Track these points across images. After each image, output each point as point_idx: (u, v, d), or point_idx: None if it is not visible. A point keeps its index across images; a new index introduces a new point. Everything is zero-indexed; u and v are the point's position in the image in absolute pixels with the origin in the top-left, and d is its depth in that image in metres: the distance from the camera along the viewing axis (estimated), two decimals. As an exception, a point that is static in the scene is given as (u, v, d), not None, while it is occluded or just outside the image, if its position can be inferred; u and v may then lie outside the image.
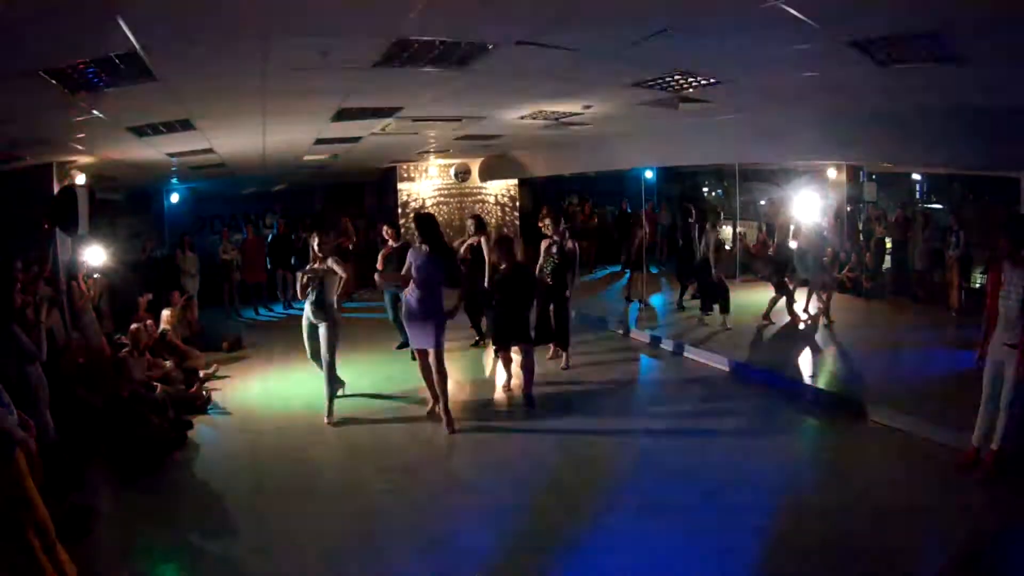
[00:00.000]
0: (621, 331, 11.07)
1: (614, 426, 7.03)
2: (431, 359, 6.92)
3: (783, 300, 10.44)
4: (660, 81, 6.41)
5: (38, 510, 4.07)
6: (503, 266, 7.73)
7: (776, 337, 10.02)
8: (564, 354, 9.05)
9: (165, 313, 9.69)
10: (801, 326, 10.35)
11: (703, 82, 6.42)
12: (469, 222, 10.32)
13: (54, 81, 4.70)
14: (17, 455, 4.05)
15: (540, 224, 8.93)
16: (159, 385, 7.51)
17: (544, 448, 6.51)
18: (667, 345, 9.92)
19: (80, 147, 7.95)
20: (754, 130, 9.00)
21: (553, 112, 8.60)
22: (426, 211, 13.70)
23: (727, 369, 8.61)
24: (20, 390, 5.09)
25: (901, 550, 4.45)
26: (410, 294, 6.89)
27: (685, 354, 9.45)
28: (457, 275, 7.94)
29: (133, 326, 8.50)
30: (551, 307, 8.72)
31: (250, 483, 5.98)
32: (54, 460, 5.11)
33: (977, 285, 11.14)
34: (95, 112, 5.91)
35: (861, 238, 13.69)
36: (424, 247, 6.90)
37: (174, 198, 16.12)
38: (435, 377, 6.93)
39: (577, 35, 4.75)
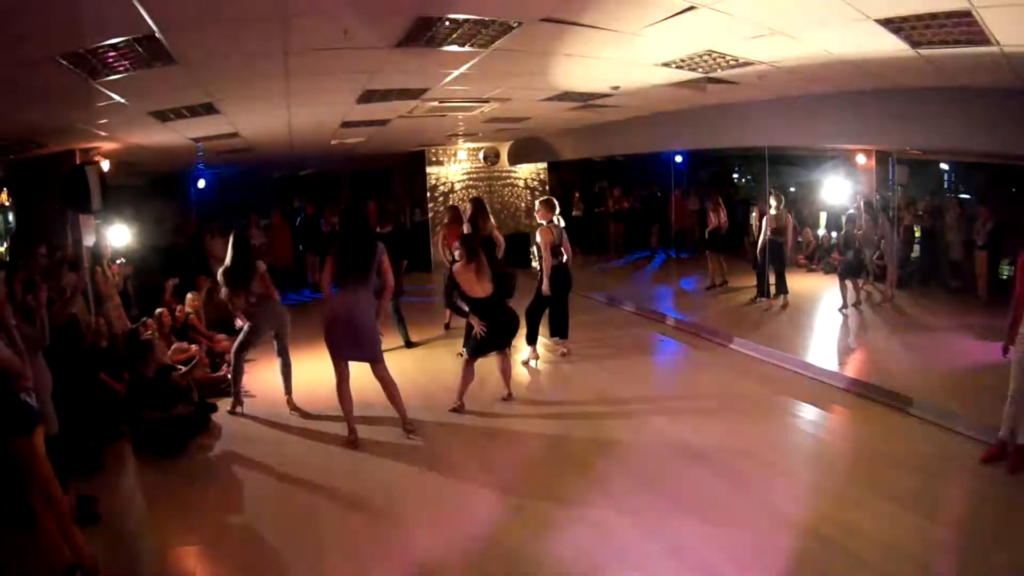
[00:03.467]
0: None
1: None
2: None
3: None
4: (688, 61, 6.27)
5: (53, 490, 4.07)
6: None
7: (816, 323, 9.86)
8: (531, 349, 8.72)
9: (189, 296, 9.74)
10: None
11: (732, 63, 6.27)
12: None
13: (72, 66, 4.69)
14: (36, 431, 4.05)
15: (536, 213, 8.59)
16: (183, 368, 7.55)
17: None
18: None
19: (102, 133, 7.98)
20: (784, 113, 8.81)
21: (580, 93, 8.48)
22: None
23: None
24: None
25: (918, 544, 4.30)
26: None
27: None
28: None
29: (158, 310, 8.57)
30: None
31: (273, 466, 5.96)
32: (58, 450, 5.05)
33: (1005, 276, 10.80)
34: (116, 97, 5.90)
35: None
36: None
37: (200, 184, 16.18)
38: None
39: (602, 12, 4.67)
